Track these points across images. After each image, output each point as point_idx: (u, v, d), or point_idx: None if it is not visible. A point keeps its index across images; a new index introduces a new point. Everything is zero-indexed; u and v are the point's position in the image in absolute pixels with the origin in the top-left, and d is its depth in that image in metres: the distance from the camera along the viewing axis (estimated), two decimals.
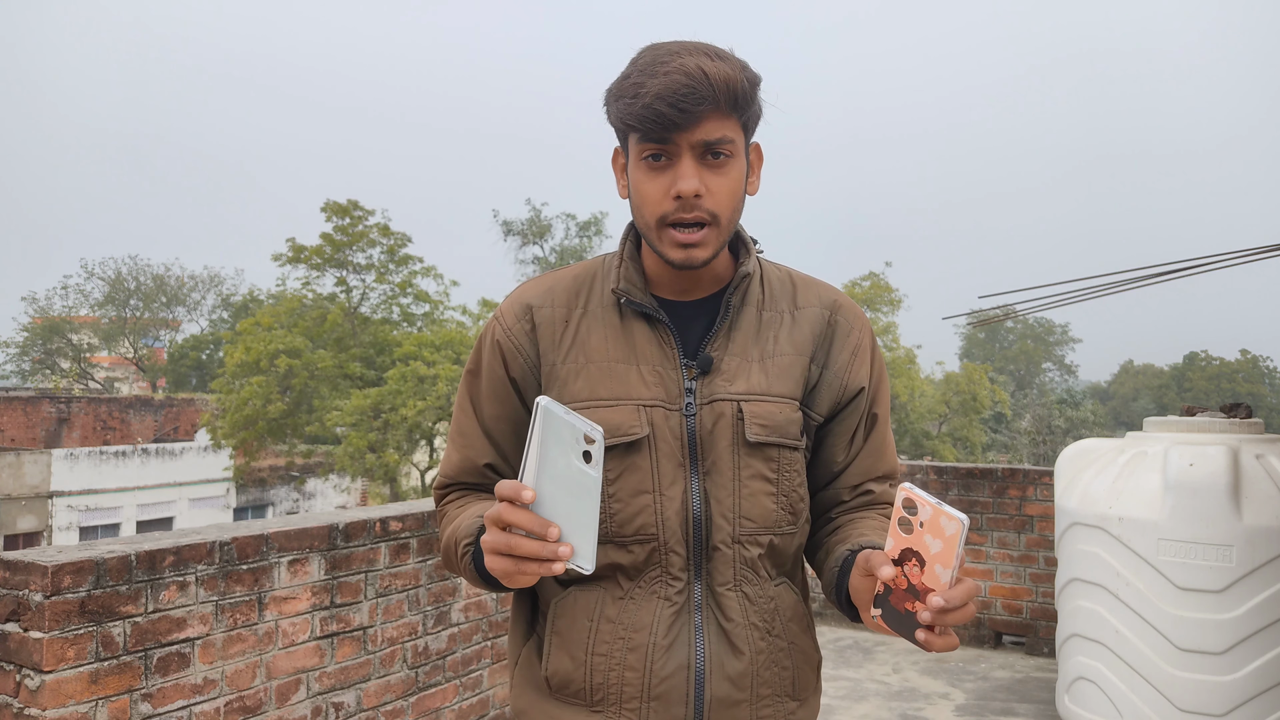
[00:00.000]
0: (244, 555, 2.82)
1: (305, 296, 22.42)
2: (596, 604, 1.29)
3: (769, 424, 1.31)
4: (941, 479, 5.75)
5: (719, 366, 1.32)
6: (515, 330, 1.36)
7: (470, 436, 1.39)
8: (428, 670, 3.48)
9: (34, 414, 27.01)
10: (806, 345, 1.37)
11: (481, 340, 1.40)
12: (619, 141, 1.35)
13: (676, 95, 1.20)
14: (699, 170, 1.24)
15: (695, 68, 1.21)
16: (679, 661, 1.26)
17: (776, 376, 1.33)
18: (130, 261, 40.72)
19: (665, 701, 1.26)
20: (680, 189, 1.23)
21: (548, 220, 31.40)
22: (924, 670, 5.12)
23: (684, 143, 1.23)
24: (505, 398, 1.37)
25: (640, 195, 1.28)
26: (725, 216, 1.27)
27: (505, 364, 1.36)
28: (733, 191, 1.28)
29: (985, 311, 5.89)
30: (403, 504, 3.68)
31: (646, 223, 1.29)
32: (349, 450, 19.24)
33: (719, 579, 1.29)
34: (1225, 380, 52.91)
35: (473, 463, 1.38)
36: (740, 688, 1.28)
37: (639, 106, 1.22)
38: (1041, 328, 56.57)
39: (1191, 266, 4.34)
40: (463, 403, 1.41)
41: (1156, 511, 3.52)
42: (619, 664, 1.27)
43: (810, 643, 1.39)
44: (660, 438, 1.29)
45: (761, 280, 1.40)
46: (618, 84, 1.28)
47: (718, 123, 1.24)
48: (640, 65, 1.25)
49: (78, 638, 2.39)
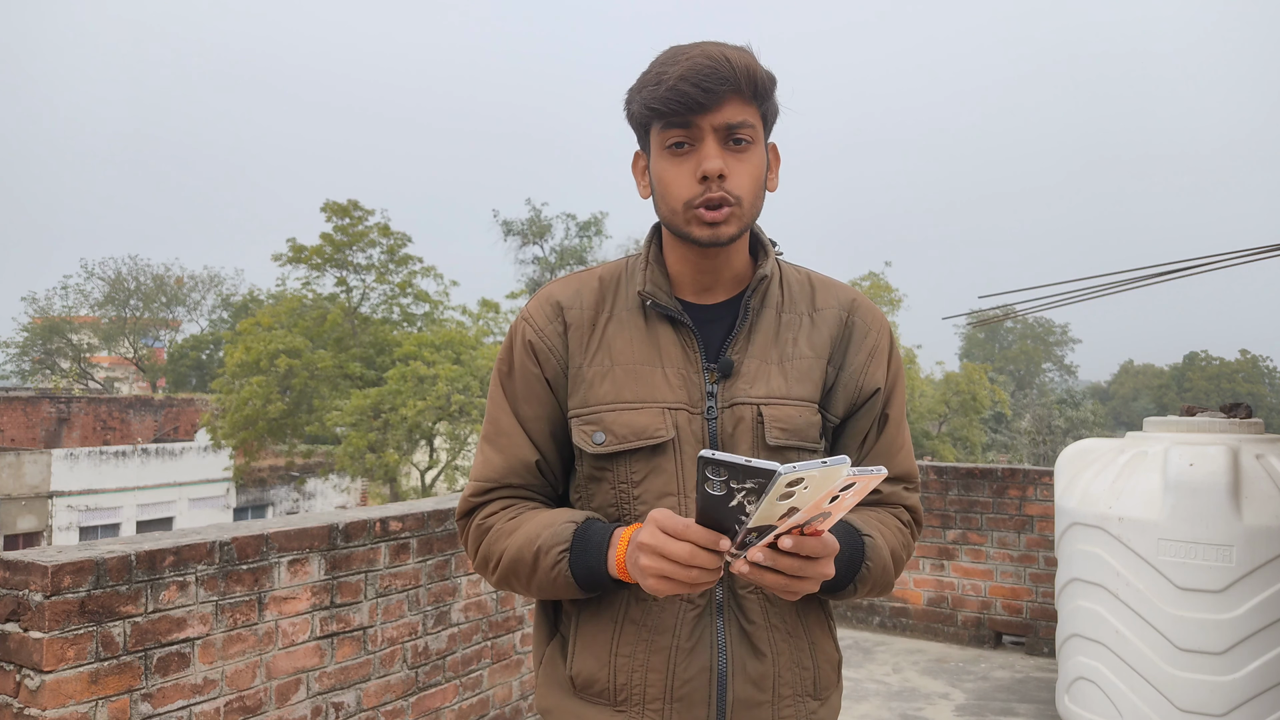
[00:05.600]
0: (244, 555, 2.82)
1: (305, 296, 22.41)
2: (621, 606, 1.30)
3: (789, 427, 1.31)
4: (941, 479, 5.75)
5: (739, 370, 1.32)
6: (548, 331, 1.36)
7: (513, 435, 1.36)
8: (428, 670, 3.48)
9: (34, 414, 27.01)
10: (825, 347, 1.37)
11: (511, 341, 1.39)
12: (639, 142, 1.36)
13: (700, 75, 1.22)
14: (722, 154, 1.25)
15: (718, 53, 1.25)
16: (701, 664, 1.27)
17: (796, 379, 1.34)
18: (130, 261, 40.76)
19: (688, 703, 1.27)
20: (705, 168, 1.24)
21: (548, 220, 31.40)
22: (924, 670, 5.12)
23: (707, 125, 1.25)
24: (543, 398, 1.36)
25: (664, 184, 1.29)
26: (748, 200, 1.28)
27: (540, 364, 1.35)
28: (755, 177, 1.29)
29: (985, 311, 5.89)
30: (403, 504, 3.68)
31: (672, 209, 1.29)
32: (349, 450, 19.23)
33: (740, 581, 1.29)
34: (1225, 380, 52.91)
35: (522, 461, 1.36)
36: (762, 689, 1.30)
37: (663, 90, 1.24)
38: (1041, 328, 56.55)
39: (1191, 266, 4.34)
40: (499, 402, 1.39)
41: (1156, 511, 3.52)
42: (642, 665, 1.28)
43: (831, 643, 1.41)
44: (684, 440, 1.29)
45: (781, 282, 1.40)
46: (639, 80, 1.30)
47: (740, 106, 1.26)
48: (661, 59, 1.29)
49: (78, 638, 2.39)
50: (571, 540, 1.25)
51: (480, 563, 1.36)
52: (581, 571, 1.24)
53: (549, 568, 1.26)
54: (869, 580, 1.30)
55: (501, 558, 1.32)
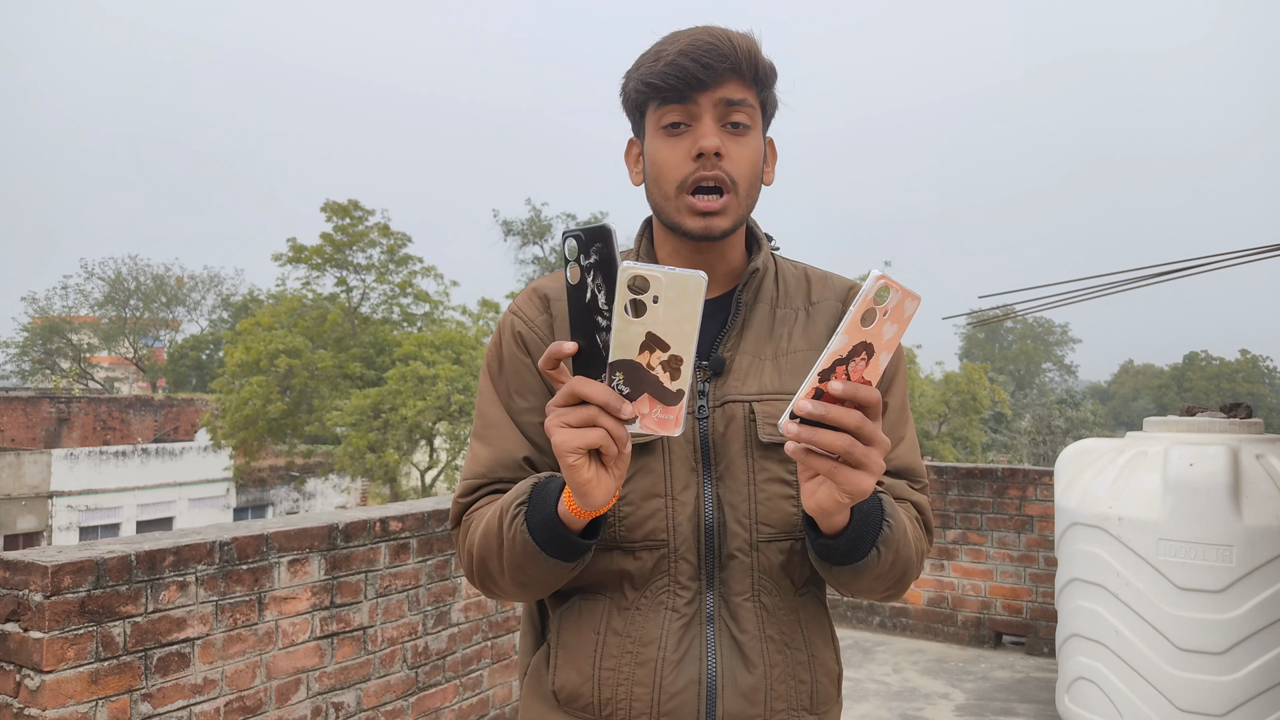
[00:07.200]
0: (244, 555, 2.81)
1: (305, 296, 22.41)
2: (602, 615, 1.25)
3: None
4: (941, 479, 5.75)
5: (731, 367, 1.28)
6: (538, 322, 1.32)
7: (502, 429, 1.30)
8: (428, 670, 3.48)
9: (34, 414, 27.01)
10: (821, 340, 1.33)
11: (499, 336, 1.35)
12: (633, 128, 1.33)
13: (700, 51, 1.20)
14: (720, 133, 1.23)
15: (720, 32, 1.23)
16: (689, 676, 1.22)
17: (790, 374, 1.29)
18: (130, 261, 40.76)
19: (675, 717, 1.22)
20: (702, 145, 1.21)
21: (548, 220, 31.37)
22: (924, 670, 5.12)
23: (705, 102, 1.22)
24: (535, 388, 1.30)
25: (658, 164, 1.25)
26: (744, 186, 1.25)
27: (530, 354, 1.31)
28: (752, 161, 1.26)
29: (985, 311, 5.89)
30: (403, 504, 3.68)
31: (665, 192, 1.25)
32: (349, 450, 19.23)
33: (735, 589, 1.24)
34: (1225, 380, 52.90)
35: (510, 455, 1.29)
36: (753, 702, 1.23)
37: (662, 65, 1.22)
38: (1041, 328, 56.56)
39: (1191, 266, 4.34)
40: (489, 397, 1.33)
41: (1156, 511, 3.52)
42: (627, 679, 1.23)
43: (831, 655, 1.34)
44: (673, 440, 1.24)
45: (776, 277, 1.37)
46: (637, 60, 1.28)
47: (739, 86, 1.23)
48: (661, 40, 1.27)
49: (78, 638, 2.39)
50: (530, 493, 1.16)
51: (466, 561, 1.28)
52: (537, 523, 1.13)
53: (509, 526, 1.16)
54: (892, 545, 1.17)
55: (477, 539, 1.23)
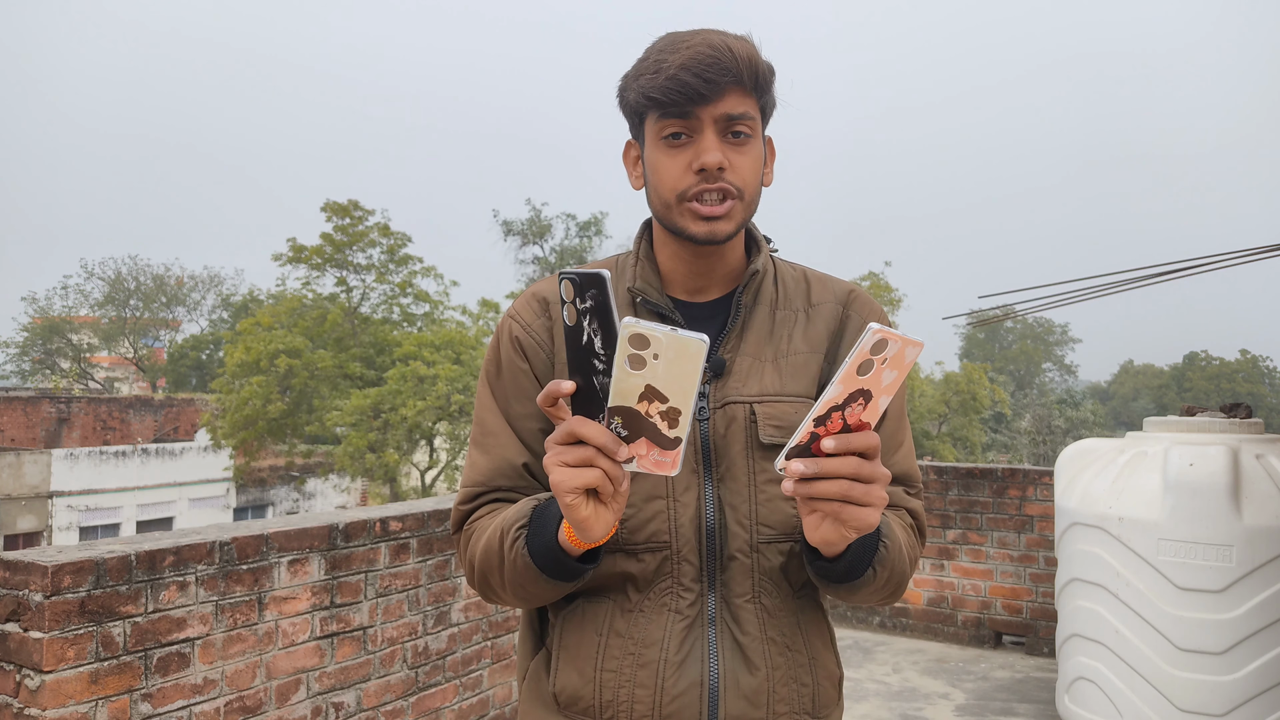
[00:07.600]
0: (244, 555, 2.81)
1: (305, 296, 22.42)
2: (605, 617, 1.24)
3: (784, 424, 1.26)
4: (941, 479, 5.75)
5: (731, 369, 1.28)
6: (535, 326, 1.31)
7: (501, 436, 1.30)
8: (428, 670, 3.48)
9: (34, 414, 27.00)
10: (821, 342, 1.33)
11: (498, 340, 1.34)
12: (632, 131, 1.31)
13: (701, 65, 1.18)
14: (721, 146, 1.22)
15: (719, 42, 1.20)
16: (691, 679, 1.21)
17: (790, 375, 1.29)
18: (130, 261, 40.78)
19: (678, 719, 1.21)
20: (704, 161, 1.20)
21: (548, 220, 31.40)
22: (924, 670, 5.12)
23: (706, 116, 1.20)
24: (533, 394, 1.29)
25: (658, 174, 1.24)
26: (748, 193, 1.24)
27: (528, 360, 1.30)
28: (755, 169, 1.25)
29: (985, 311, 5.89)
30: (403, 504, 3.68)
31: (665, 200, 1.24)
32: (349, 450, 19.23)
33: (736, 590, 1.24)
34: (1225, 380, 52.91)
35: (509, 463, 1.29)
36: (756, 705, 1.23)
37: (662, 79, 1.19)
38: (1041, 328, 56.56)
39: (1191, 266, 4.34)
40: (486, 403, 1.33)
41: (1156, 511, 3.52)
42: (629, 681, 1.22)
43: (832, 658, 1.34)
44: None
45: (775, 279, 1.36)
46: (636, 66, 1.25)
47: (740, 98, 1.22)
48: (660, 46, 1.24)
49: (78, 638, 2.39)
50: (530, 516, 1.17)
51: (468, 569, 1.28)
52: (538, 548, 1.14)
53: (509, 548, 1.17)
54: (888, 563, 1.19)
55: (478, 554, 1.24)
